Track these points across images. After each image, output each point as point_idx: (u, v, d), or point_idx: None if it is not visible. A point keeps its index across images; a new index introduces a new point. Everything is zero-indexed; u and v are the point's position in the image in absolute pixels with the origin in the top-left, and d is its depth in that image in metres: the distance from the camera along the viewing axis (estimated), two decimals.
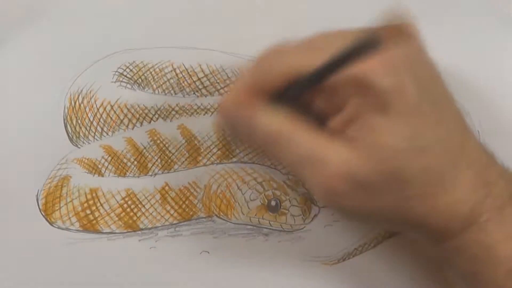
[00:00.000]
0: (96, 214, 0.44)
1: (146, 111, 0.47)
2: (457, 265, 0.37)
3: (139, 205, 0.44)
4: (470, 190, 0.36)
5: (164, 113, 0.47)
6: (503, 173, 0.38)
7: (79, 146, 0.47)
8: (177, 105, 0.47)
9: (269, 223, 0.43)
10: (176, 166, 0.46)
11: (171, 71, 0.49)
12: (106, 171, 0.46)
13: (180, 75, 0.49)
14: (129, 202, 0.44)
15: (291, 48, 0.38)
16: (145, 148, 0.46)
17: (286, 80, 0.36)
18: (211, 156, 0.46)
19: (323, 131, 0.37)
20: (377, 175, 0.35)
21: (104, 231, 0.44)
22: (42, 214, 0.44)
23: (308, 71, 0.35)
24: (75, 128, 0.47)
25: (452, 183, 0.36)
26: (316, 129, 0.36)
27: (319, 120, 0.37)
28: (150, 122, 0.47)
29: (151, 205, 0.44)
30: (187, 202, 0.44)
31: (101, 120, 0.47)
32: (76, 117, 0.47)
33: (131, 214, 0.44)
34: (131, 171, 0.46)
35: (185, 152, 0.46)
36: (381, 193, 0.35)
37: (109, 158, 0.46)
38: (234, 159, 0.46)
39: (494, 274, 0.35)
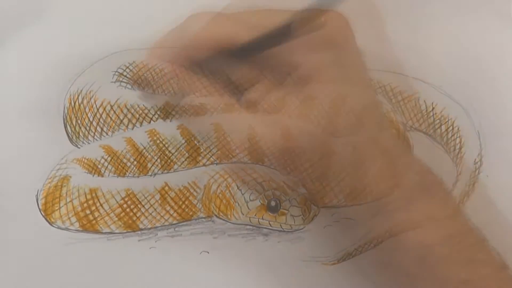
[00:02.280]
0: (96, 214, 0.44)
1: (146, 111, 0.47)
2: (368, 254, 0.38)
3: (139, 205, 0.44)
4: (379, 179, 0.37)
5: (164, 113, 0.47)
6: (415, 165, 0.39)
7: (78, 146, 0.47)
8: (177, 105, 0.47)
9: (269, 223, 0.43)
10: (175, 166, 0.46)
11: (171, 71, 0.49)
12: (106, 171, 0.46)
13: (180, 75, 0.49)
14: (129, 202, 0.44)
15: (228, 17, 0.39)
16: (144, 148, 0.46)
17: (216, 46, 0.38)
18: (211, 156, 0.46)
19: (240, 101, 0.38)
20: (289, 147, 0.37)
21: (104, 231, 0.44)
22: (42, 214, 0.44)
23: (239, 44, 0.37)
24: (74, 128, 0.47)
25: (363, 170, 0.37)
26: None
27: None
28: (150, 122, 0.47)
29: (151, 205, 0.44)
30: (186, 202, 0.44)
31: (101, 120, 0.47)
32: (76, 117, 0.47)
33: (131, 214, 0.44)
34: (130, 171, 0.46)
35: (184, 152, 0.46)
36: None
37: (109, 158, 0.46)
38: (234, 159, 0.46)
39: (404, 263, 0.36)
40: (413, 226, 0.36)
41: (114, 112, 0.47)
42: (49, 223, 0.44)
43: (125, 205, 0.44)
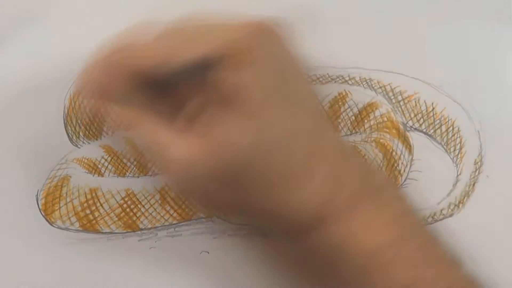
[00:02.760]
0: (96, 214, 0.44)
1: None
2: (313, 263, 0.37)
3: (139, 205, 0.44)
4: (320, 187, 0.35)
5: None
6: (361, 167, 0.38)
7: (79, 146, 0.47)
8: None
9: None
10: None
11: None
12: (106, 171, 0.46)
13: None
14: (129, 202, 0.44)
15: (162, 34, 0.37)
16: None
17: (152, 66, 0.36)
18: None
19: (174, 125, 0.36)
20: (219, 172, 0.34)
21: (104, 231, 0.44)
22: (42, 214, 0.44)
23: (175, 63, 0.35)
24: (75, 128, 0.47)
25: (299, 180, 0.35)
26: (169, 123, 0.36)
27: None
28: None
29: (151, 205, 0.44)
30: (187, 202, 0.44)
31: (101, 120, 0.47)
32: (76, 117, 0.47)
33: (131, 214, 0.44)
34: (131, 171, 0.46)
35: None
36: (225, 189, 0.35)
37: (109, 158, 0.46)
38: None
39: (349, 269, 0.35)
40: (357, 231, 0.35)
41: (115, 112, 0.47)
42: (49, 223, 0.44)
43: (125, 205, 0.44)
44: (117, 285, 0.43)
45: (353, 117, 0.47)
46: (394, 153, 0.45)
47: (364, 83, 0.48)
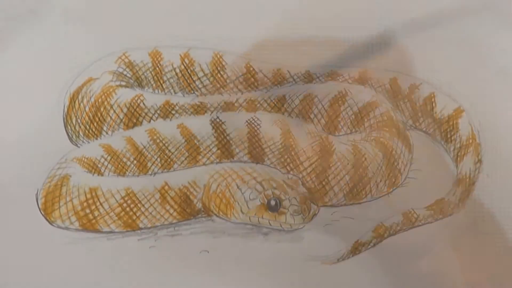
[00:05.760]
0: (96, 213, 0.44)
1: (145, 110, 0.47)
2: None
3: (139, 205, 0.44)
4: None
5: (164, 112, 0.47)
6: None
7: (78, 145, 0.47)
8: (176, 104, 0.47)
9: (269, 222, 0.43)
10: (175, 166, 0.46)
11: (171, 70, 0.49)
12: (106, 170, 0.46)
13: (179, 75, 0.49)
14: (129, 202, 0.44)
15: None
16: (144, 147, 0.46)
17: None
18: (211, 156, 0.46)
19: None
20: None
21: (104, 231, 0.44)
22: (41, 213, 0.44)
23: None
24: (74, 127, 0.47)
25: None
26: None
27: None
28: (149, 121, 0.47)
29: (151, 205, 0.44)
30: (187, 202, 0.44)
31: (101, 119, 0.47)
32: (76, 116, 0.47)
33: (131, 213, 0.44)
34: (130, 170, 0.46)
35: (184, 151, 0.46)
36: None
37: (109, 157, 0.46)
38: (234, 159, 0.46)
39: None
40: None
41: (114, 111, 0.47)
42: (48, 222, 0.44)
43: (125, 204, 0.44)
44: (117, 284, 0.43)
45: (353, 116, 0.47)
46: (394, 152, 0.45)
47: (363, 82, 0.48)
